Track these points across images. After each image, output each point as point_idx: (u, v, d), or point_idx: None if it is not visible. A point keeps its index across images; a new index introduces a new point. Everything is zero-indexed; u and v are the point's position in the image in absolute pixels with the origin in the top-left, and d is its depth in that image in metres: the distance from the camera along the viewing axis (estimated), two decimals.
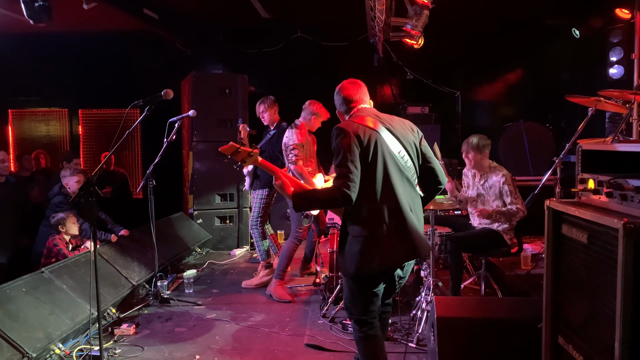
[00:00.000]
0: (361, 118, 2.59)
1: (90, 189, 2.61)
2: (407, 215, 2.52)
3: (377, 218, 2.47)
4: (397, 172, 2.52)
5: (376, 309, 2.68)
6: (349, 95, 2.75)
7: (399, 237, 2.49)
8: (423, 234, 2.63)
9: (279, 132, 5.08)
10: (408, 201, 2.54)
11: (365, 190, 2.44)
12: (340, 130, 2.49)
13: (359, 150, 2.44)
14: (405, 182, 2.55)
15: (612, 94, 4.23)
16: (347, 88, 2.78)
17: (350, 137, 2.45)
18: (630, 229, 1.80)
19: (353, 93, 2.75)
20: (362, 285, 2.61)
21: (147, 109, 3.00)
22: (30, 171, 6.56)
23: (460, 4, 5.97)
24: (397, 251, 2.51)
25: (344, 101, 2.76)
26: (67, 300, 3.86)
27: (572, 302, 2.23)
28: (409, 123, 2.74)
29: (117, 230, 5.23)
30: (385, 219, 2.47)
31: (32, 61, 7.80)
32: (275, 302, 4.64)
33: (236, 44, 8.09)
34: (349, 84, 2.79)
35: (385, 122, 2.60)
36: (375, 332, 2.66)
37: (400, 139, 2.57)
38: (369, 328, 2.64)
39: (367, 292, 2.61)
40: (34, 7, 4.54)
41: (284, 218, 7.34)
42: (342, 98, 2.77)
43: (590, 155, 2.35)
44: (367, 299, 2.63)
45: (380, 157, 2.48)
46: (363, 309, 2.63)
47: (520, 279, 4.67)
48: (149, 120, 3.17)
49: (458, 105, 8.10)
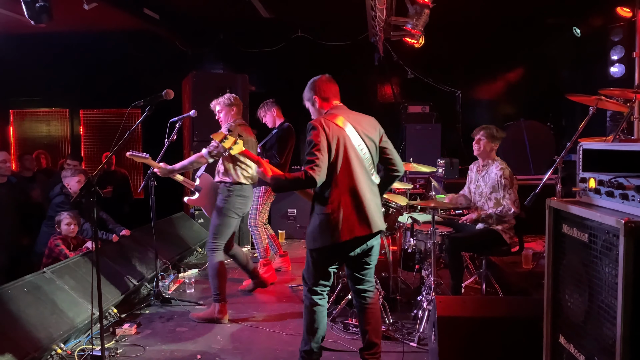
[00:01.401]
0: (333, 116, 2.96)
1: (91, 189, 2.61)
2: (365, 198, 2.91)
3: (338, 200, 2.86)
4: (358, 162, 2.92)
5: (329, 284, 3.09)
6: (326, 93, 3.08)
7: (355, 216, 2.88)
8: (379, 215, 3.02)
9: (279, 132, 5.15)
10: (366, 187, 2.93)
11: (330, 176, 2.85)
12: (313, 126, 2.87)
13: (326, 143, 2.83)
14: (364, 170, 2.95)
15: (613, 92, 4.22)
16: (324, 87, 3.09)
17: (320, 131, 2.84)
18: (631, 228, 1.80)
19: (329, 91, 3.09)
20: (319, 259, 3.00)
21: (147, 109, 3.00)
22: (32, 171, 6.57)
23: (461, 3, 5.97)
24: (352, 229, 2.87)
25: (320, 97, 3.08)
26: (69, 300, 3.86)
27: (573, 301, 2.23)
28: (374, 122, 3.11)
29: (119, 230, 5.23)
30: (344, 200, 2.87)
31: (33, 61, 7.82)
32: (276, 302, 4.64)
33: (237, 43, 8.09)
34: (327, 83, 3.11)
35: (352, 121, 2.98)
36: (323, 303, 3.08)
37: (361, 135, 2.96)
38: (319, 298, 3.06)
39: (321, 265, 3.01)
40: (35, 7, 4.54)
41: (284, 217, 7.34)
42: (318, 94, 3.08)
43: (590, 154, 2.34)
44: (321, 271, 3.02)
45: (343, 149, 2.87)
46: (315, 280, 3.04)
47: (521, 278, 4.67)
48: (150, 120, 3.17)
49: (459, 104, 8.11)
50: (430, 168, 4.61)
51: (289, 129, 5.36)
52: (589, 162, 2.34)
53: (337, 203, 2.85)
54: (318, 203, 2.93)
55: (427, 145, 7.43)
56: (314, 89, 3.10)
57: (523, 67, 8.02)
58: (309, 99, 3.12)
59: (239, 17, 7.42)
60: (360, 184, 2.90)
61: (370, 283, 3.13)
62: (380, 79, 8.26)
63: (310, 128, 2.88)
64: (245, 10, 6.77)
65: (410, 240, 4.28)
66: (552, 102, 7.62)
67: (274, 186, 3.00)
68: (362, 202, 2.89)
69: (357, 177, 2.90)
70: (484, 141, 4.21)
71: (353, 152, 2.90)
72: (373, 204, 2.96)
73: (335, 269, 3.07)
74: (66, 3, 5.31)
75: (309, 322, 3.06)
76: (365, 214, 2.89)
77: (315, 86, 3.10)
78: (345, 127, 2.91)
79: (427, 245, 4.19)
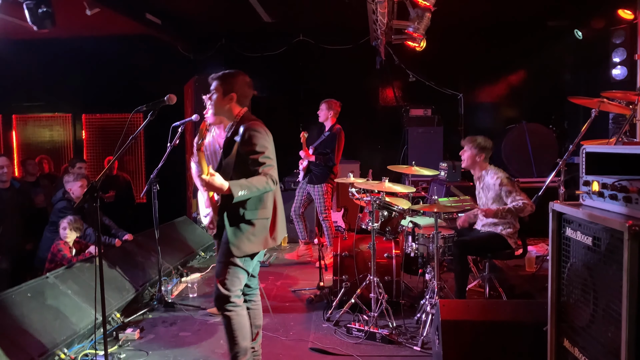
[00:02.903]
0: (257, 120, 2.92)
1: (94, 194, 2.61)
2: (281, 204, 3.04)
3: (275, 205, 2.96)
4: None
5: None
6: (247, 94, 3.01)
7: (281, 222, 3.01)
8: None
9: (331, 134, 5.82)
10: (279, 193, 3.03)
11: None
12: (261, 130, 2.83)
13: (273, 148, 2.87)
14: None
15: (615, 95, 4.22)
16: (248, 88, 3.01)
17: (267, 136, 2.86)
18: (635, 231, 1.80)
19: (250, 93, 3.04)
20: (245, 264, 2.92)
21: (150, 114, 3.01)
22: (35, 176, 6.58)
23: (462, 7, 5.98)
24: (279, 234, 2.99)
25: (243, 96, 2.97)
26: (72, 305, 3.86)
27: (577, 304, 2.22)
28: None
29: (121, 235, 5.23)
30: (277, 205, 2.97)
31: (36, 67, 7.85)
32: (279, 306, 4.64)
33: (238, 47, 8.12)
34: (249, 84, 3.02)
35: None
36: (245, 307, 3.03)
37: None
38: (242, 301, 2.99)
39: (245, 271, 2.95)
40: (38, 13, 4.56)
41: (287, 221, 7.32)
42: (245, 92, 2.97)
43: (594, 157, 2.34)
44: (244, 277, 2.97)
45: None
46: (239, 287, 2.96)
47: (524, 281, 4.66)
48: (152, 124, 3.18)
49: (461, 107, 8.11)
50: (432, 171, 4.60)
51: (341, 132, 5.86)
52: (592, 165, 2.34)
53: (272, 209, 2.94)
54: (256, 209, 2.86)
55: (429, 149, 7.44)
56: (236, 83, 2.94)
57: (525, 70, 8.02)
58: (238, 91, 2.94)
59: (240, 22, 7.44)
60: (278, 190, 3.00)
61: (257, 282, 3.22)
62: (382, 82, 8.27)
63: (255, 132, 2.79)
64: (247, 15, 6.79)
65: (412, 244, 4.28)
66: (554, 105, 7.63)
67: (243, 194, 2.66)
68: (281, 207, 3.03)
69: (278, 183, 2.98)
70: (468, 153, 4.21)
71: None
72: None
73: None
74: (69, 9, 5.33)
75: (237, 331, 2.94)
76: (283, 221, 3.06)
77: (237, 81, 2.95)
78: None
79: (429, 248, 4.18)
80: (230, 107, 2.93)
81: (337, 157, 5.83)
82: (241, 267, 2.91)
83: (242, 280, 2.96)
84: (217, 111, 2.97)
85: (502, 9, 6.68)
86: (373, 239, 4.06)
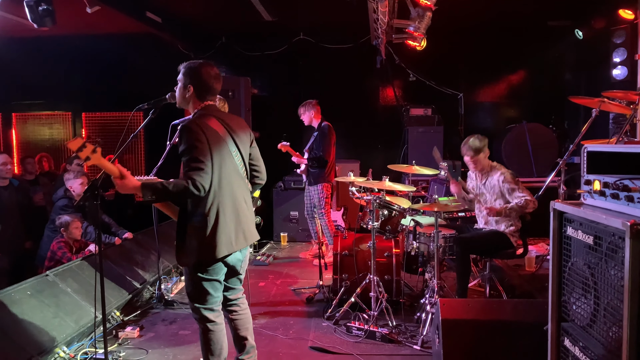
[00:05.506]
0: (208, 118, 2.70)
1: (95, 192, 2.61)
2: (241, 208, 2.76)
3: (218, 210, 2.64)
4: (233, 169, 2.74)
5: (220, 297, 2.83)
6: (208, 88, 2.76)
7: (234, 226, 2.70)
8: (254, 225, 2.91)
9: (320, 132, 5.76)
10: (242, 195, 2.79)
11: (210, 185, 2.58)
12: (190, 128, 2.59)
13: (207, 148, 2.57)
14: (239, 178, 2.78)
15: (616, 94, 4.22)
16: (211, 81, 2.77)
17: (200, 134, 2.57)
18: (637, 230, 1.79)
19: (213, 87, 2.79)
20: (204, 274, 2.70)
21: (151, 112, 3.00)
22: (34, 174, 6.57)
23: (463, 6, 5.97)
24: (233, 239, 2.69)
25: (204, 89, 2.75)
26: (72, 303, 3.86)
27: (578, 303, 2.22)
28: (244, 123, 2.92)
29: (121, 234, 5.23)
30: (224, 210, 2.66)
31: (36, 65, 7.82)
32: (279, 305, 4.64)
33: (239, 46, 8.11)
34: (214, 76, 2.79)
35: (225, 124, 2.75)
36: (222, 320, 2.84)
37: (235, 140, 2.77)
38: (216, 315, 2.80)
39: (208, 280, 2.71)
40: (38, 11, 4.56)
41: (287, 221, 7.34)
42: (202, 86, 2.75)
43: (595, 156, 2.34)
44: (209, 287, 2.73)
45: (219, 156, 2.63)
46: (207, 298, 2.74)
47: (524, 280, 4.66)
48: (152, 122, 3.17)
49: (461, 107, 8.10)
50: (432, 171, 4.60)
51: (329, 128, 5.82)
52: (593, 165, 2.33)
53: (219, 213, 2.63)
54: (197, 215, 2.62)
55: (429, 148, 7.39)
56: (195, 75, 2.74)
57: (525, 70, 8.02)
58: (195, 84, 2.75)
59: (241, 21, 7.43)
60: (237, 192, 2.73)
61: (240, 286, 2.99)
62: (382, 81, 8.27)
63: (185, 130, 2.59)
64: (248, 14, 6.78)
65: (413, 243, 4.28)
66: (555, 105, 7.62)
67: (152, 199, 2.51)
68: (239, 211, 2.73)
69: (233, 185, 2.71)
70: (467, 157, 4.22)
71: (229, 158, 2.70)
72: (249, 214, 2.84)
73: (223, 276, 2.81)
74: (69, 7, 5.32)
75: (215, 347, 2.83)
76: (243, 225, 2.75)
77: (197, 73, 2.74)
78: (221, 132, 2.69)
79: (430, 247, 4.18)
80: (190, 100, 2.77)
81: (330, 153, 5.80)
82: (204, 278, 2.69)
83: (211, 291, 2.73)
84: (179, 103, 2.82)
85: (503, 8, 6.67)
86: (373, 238, 4.06)
